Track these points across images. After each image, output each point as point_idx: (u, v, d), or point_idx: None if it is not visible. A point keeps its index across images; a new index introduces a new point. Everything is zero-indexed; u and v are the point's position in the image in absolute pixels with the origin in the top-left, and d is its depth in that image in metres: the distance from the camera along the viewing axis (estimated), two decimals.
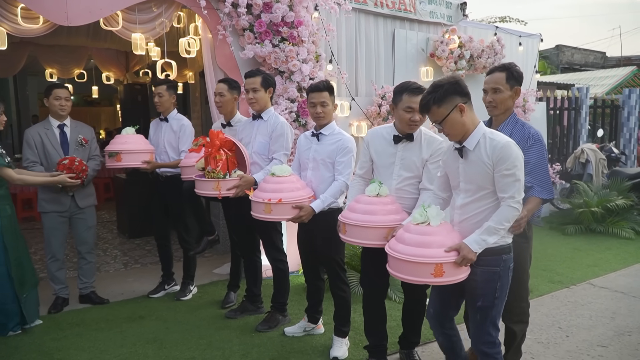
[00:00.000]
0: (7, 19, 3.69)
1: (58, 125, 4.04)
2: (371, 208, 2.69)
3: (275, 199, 3.10)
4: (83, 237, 4.22)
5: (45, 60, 7.17)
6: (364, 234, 2.67)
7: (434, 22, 6.07)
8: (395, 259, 2.29)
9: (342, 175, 3.22)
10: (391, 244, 2.38)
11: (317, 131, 3.31)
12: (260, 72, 3.61)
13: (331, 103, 3.25)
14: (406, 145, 2.85)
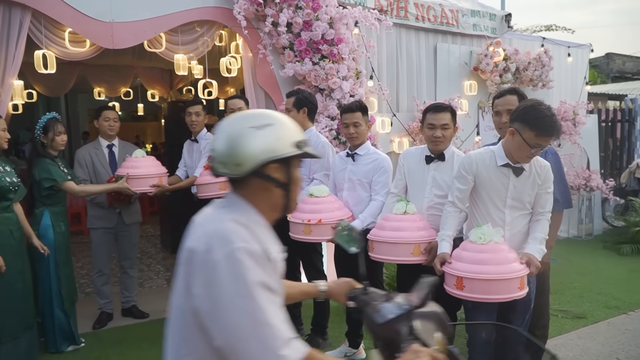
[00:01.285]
0: (56, 43, 3.81)
1: (107, 145, 4.18)
2: (399, 225, 2.73)
3: (315, 220, 3.06)
4: (127, 253, 4.33)
5: (94, 80, 7.42)
6: (392, 251, 2.71)
7: (477, 35, 5.92)
8: (482, 280, 2.29)
9: (380, 195, 3.19)
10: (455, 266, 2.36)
11: (352, 151, 3.28)
12: (296, 93, 3.58)
13: (364, 123, 3.24)
14: (438, 165, 2.89)
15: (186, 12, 4.10)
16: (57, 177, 3.50)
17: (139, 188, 3.86)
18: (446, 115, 2.83)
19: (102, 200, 4.06)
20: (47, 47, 3.79)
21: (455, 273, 2.35)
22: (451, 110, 2.88)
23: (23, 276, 3.20)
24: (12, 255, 3.09)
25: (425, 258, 2.69)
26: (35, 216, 3.57)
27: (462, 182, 2.57)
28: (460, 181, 2.58)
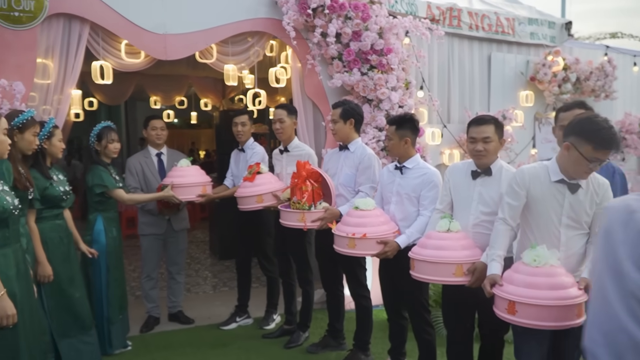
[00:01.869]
0: (112, 54, 3.96)
1: (156, 154, 4.29)
2: (440, 243, 2.61)
3: (360, 234, 2.99)
4: (174, 259, 4.42)
5: (150, 89, 7.69)
6: (433, 270, 2.60)
7: (535, 44, 5.69)
8: (537, 306, 2.16)
9: (428, 210, 3.08)
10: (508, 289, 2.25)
11: (400, 164, 3.19)
12: (343, 104, 3.55)
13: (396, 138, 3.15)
14: (484, 180, 2.74)
15: (236, 24, 4.16)
16: (108, 184, 3.61)
17: (184, 196, 3.91)
18: (488, 128, 2.66)
19: (152, 208, 4.16)
20: (104, 59, 3.95)
21: (507, 297, 2.21)
22: (495, 122, 2.71)
23: (74, 281, 3.30)
24: (63, 261, 3.20)
25: (469, 279, 2.56)
26: (89, 221, 3.69)
27: (514, 197, 2.44)
28: (512, 197, 2.45)
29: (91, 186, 3.62)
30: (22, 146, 2.93)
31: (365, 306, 3.62)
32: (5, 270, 2.35)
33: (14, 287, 2.37)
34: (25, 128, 2.91)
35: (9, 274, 2.36)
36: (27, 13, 3.51)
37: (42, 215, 3.15)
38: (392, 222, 3.16)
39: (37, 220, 3.07)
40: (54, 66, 3.67)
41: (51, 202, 3.18)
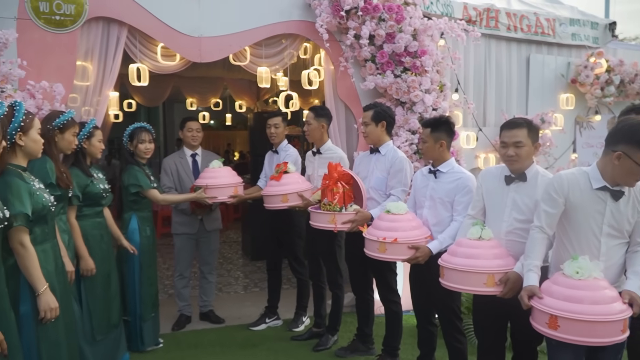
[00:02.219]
0: (149, 57, 4.05)
1: (191, 155, 4.36)
2: (471, 252, 2.52)
3: (391, 238, 2.95)
4: (206, 258, 4.48)
5: (187, 91, 7.83)
6: (463, 279, 2.52)
7: (576, 45, 5.50)
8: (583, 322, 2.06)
9: (461, 216, 2.99)
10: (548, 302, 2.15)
11: (434, 168, 3.12)
12: (374, 106, 3.52)
13: (430, 140, 3.09)
14: (519, 185, 2.62)
15: (270, 26, 4.19)
16: (143, 184, 3.69)
17: (215, 197, 3.94)
18: (520, 132, 2.56)
19: (185, 207, 4.23)
20: (141, 61, 4.04)
21: (549, 310, 2.11)
22: (528, 125, 2.58)
23: (110, 279, 3.39)
24: (102, 259, 3.29)
25: (501, 289, 2.46)
26: (124, 220, 3.78)
27: (551, 205, 2.34)
28: (549, 204, 2.34)
29: (126, 186, 3.70)
30: (63, 146, 3.03)
31: (395, 311, 3.57)
32: (45, 265, 2.42)
33: (54, 281, 2.45)
34: (66, 128, 3.00)
35: (49, 268, 2.44)
36: (68, 17, 3.62)
37: (83, 212, 3.25)
38: (424, 227, 3.11)
39: (78, 218, 3.18)
40: (93, 68, 3.78)
41: (92, 200, 3.29)
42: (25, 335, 2.34)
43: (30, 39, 3.52)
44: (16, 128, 2.32)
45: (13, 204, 2.24)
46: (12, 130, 2.32)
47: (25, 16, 3.53)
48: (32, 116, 2.44)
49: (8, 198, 2.24)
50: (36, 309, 2.35)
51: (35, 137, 2.43)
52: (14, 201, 2.25)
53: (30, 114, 2.44)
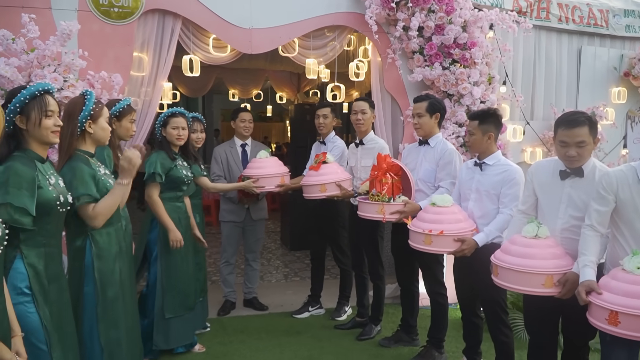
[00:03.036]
0: (201, 48, 4.14)
1: (241, 145, 4.45)
2: (527, 251, 2.42)
3: (437, 231, 2.94)
4: (251, 246, 4.57)
5: (229, 82, 7.95)
6: (519, 279, 2.42)
7: (630, 37, 5.33)
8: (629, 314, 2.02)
9: (508, 208, 2.95)
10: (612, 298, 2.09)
11: (480, 160, 3.09)
12: (427, 97, 3.51)
13: (478, 132, 3.02)
14: (575, 181, 2.49)
15: (319, 18, 4.22)
16: (195, 172, 3.78)
17: (263, 187, 4.00)
18: (582, 131, 2.38)
19: (232, 196, 4.32)
20: (194, 52, 4.13)
21: (609, 306, 2.06)
22: (589, 122, 2.41)
23: (186, 262, 3.50)
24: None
25: (559, 290, 2.38)
26: None
27: (602, 203, 2.29)
28: (599, 202, 2.29)
29: None
30: (120, 133, 3.14)
31: (441, 303, 3.57)
32: (109, 247, 2.53)
33: (116, 264, 2.55)
34: (123, 115, 3.12)
35: (112, 251, 2.55)
36: (126, 9, 3.74)
37: (164, 196, 3.39)
38: (470, 219, 3.08)
39: None
40: (148, 59, 3.89)
41: (174, 183, 3.41)
42: (87, 314, 2.46)
43: (89, 31, 3.65)
44: (86, 116, 2.42)
45: (77, 187, 2.35)
46: (82, 118, 2.42)
47: (85, 8, 3.66)
48: (102, 105, 2.54)
49: (72, 182, 2.34)
50: (97, 289, 2.45)
51: (104, 125, 2.52)
52: (77, 185, 2.35)
53: (100, 102, 2.54)
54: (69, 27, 3.39)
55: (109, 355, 2.50)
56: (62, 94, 3.35)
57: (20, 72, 3.31)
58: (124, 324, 2.60)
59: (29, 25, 3.30)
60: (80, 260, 2.47)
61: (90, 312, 2.47)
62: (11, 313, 1.72)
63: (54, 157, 2.85)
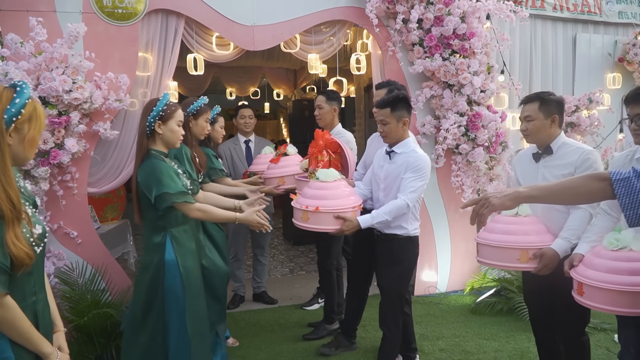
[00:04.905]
0: (204, 46, 4.18)
1: (244, 141, 4.49)
2: (508, 228, 2.46)
3: (313, 207, 2.78)
4: (259, 241, 4.62)
5: (227, 80, 7.99)
6: (496, 255, 2.44)
7: (623, 23, 5.43)
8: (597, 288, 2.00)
9: (404, 194, 2.84)
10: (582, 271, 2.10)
11: (390, 149, 3.00)
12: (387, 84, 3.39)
13: (394, 121, 2.90)
14: (546, 160, 2.59)
15: (320, 13, 4.26)
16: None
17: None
18: (529, 107, 2.57)
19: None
20: (197, 51, 4.17)
21: (576, 277, 2.10)
22: (540, 100, 2.55)
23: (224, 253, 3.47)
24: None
25: (534, 266, 2.39)
26: None
27: None
28: None
29: None
30: (196, 131, 3.18)
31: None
32: (188, 243, 2.59)
33: (191, 260, 2.60)
34: (199, 114, 3.16)
35: (191, 247, 2.60)
36: (130, 10, 3.77)
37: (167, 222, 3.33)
38: (354, 196, 2.94)
39: None
40: (153, 59, 3.92)
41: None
42: (173, 308, 2.51)
43: (94, 32, 3.68)
44: (155, 116, 2.47)
45: (168, 184, 2.40)
46: (151, 118, 2.47)
47: (89, 10, 3.68)
48: (175, 108, 2.54)
49: (160, 177, 2.40)
50: (184, 284, 2.51)
51: (174, 127, 2.52)
52: (166, 181, 2.41)
53: (174, 105, 2.55)
54: (76, 29, 3.42)
55: (196, 347, 2.56)
56: (71, 95, 3.39)
57: (29, 75, 3.35)
58: (206, 317, 2.66)
59: (37, 28, 3.33)
60: (160, 256, 2.51)
61: (176, 306, 2.51)
62: (54, 308, 1.75)
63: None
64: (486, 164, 4.55)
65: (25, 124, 1.54)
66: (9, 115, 1.48)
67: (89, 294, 3.49)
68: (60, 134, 3.45)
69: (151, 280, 2.50)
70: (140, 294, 2.54)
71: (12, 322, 1.47)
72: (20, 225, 1.48)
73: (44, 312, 1.65)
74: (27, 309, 1.54)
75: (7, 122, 1.49)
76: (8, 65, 3.26)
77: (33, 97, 1.59)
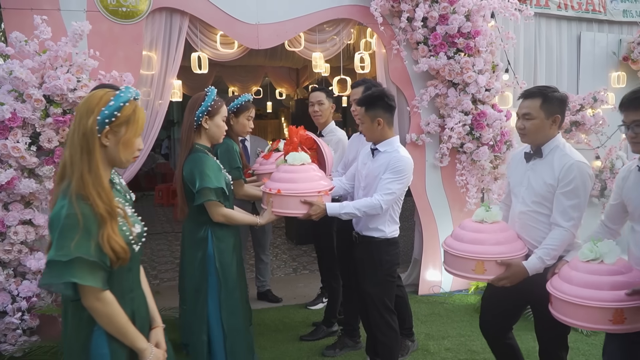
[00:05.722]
0: (209, 45, 4.17)
1: (240, 140, 4.45)
2: (471, 236, 2.33)
3: (275, 190, 2.67)
4: (260, 240, 4.61)
5: (229, 79, 7.98)
6: (455, 263, 2.35)
7: (628, 22, 5.41)
8: (564, 302, 1.96)
9: (380, 195, 2.70)
10: (556, 283, 2.04)
11: (374, 146, 2.89)
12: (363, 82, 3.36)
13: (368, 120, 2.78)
14: (535, 163, 2.39)
15: (324, 12, 4.24)
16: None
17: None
18: (530, 103, 2.34)
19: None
20: (202, 50, 4.16)
21: (549, 288, 2.05)
22: (543, 96, 2.32)
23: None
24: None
25: (491, 277, 2.26)
26: None
27: (613, 197, 2.25)
28: (613, 196, 2.25)
29: None
30: (237, 129, 3.20)
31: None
32: (228, 239, 2.61)
33: (229, 256, 2.61)
34: (240, 112, 3.19)
35: (230, 243, 2.61)
36: (134, 8, 3.75)
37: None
38: (323, 180, 2.83)
39: None
40: (157, 58, 3.90)
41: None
42: (212, 303, 2.55)
43: (98, 31, 3.66)
44: (203, 111, 2.51)
45: (211, 178, 2.44)
46: (199, 113, 2.51)
47: (93, 9, 3.67)
48: (221, 103, 2.59)
49: (207, 172, 2.44)
50: (220, 279, 2.54)
51: (219, 123, 2.59)
52: (212, 176, 2.45)
53: (220, 100, 2.59)
54: (81, 27, 3.40)
55: (231, 343, 2.58)
56: (75, 94, 3.37)
57: (34, 74, 3.33)
58: (242, 313, 2.67)
59: (41, 26, 3.31)
60: (203, 251, 2.55)
61: (214, 300, 2.56)
62: (151, 304, 1.79)
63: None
64: (491, 163, 4.54)
65: (122, 127, 1.59)
66: (102, 117, 1.54)
67: None
68: (64, 132, 3.43)
69: (195, 275, 2.54)
70: (190, 290, 2.58)
71: (110, 316, 1.53)
72: (115, 221, 1.54)
73: (141, 308, 1.70)
74: (125, 305, 1.60)
75: (100, 123, 1.54)
76: (13, 63, 3.25)
77: (134, 100, 1.64)
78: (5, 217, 3.30)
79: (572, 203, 2.25)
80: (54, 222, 1.49)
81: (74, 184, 1.51)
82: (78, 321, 1.57)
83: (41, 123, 3.34)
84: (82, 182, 1.50)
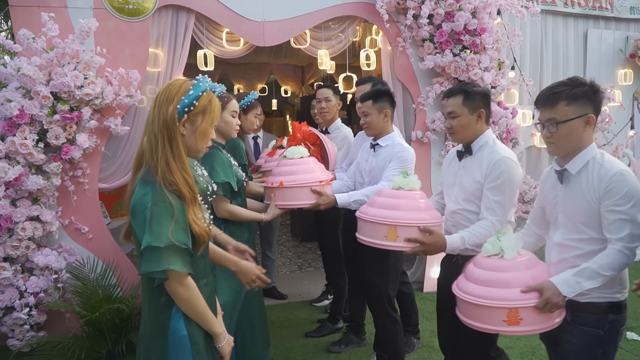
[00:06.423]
0: (215, 42, 4.18)
1: (253, 137, 4.48)
2: (387, 202, 2.23)
3: (277, 183, 2.69)
4: (267, 237, 4.63)
5: (234, 77, 7.98)
6: (368, 230, 2.24)
7: (635, 19, 5.38)
8: (463, 301, 1.85)
9: (385, 181, 2.74)
10: (460, 282, 1.94)
11: (374, 142, 2.95)
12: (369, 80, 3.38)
13: (375, 112, 2.84)
14: (467, 161, 2.36)
15: (330, 9, 4.25)
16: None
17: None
18: (453, 101, 2.31)
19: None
20: (208, 47, 4.17)
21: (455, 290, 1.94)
22: (465, 93, 2.29)
23: None
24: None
25: (403, 245, 2.14)
26: None
27: (537, 200, 2.17)
28: (537, 200, 2.19)
29: None
30: (245, 126, 3.21)
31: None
32: (241, 234, 2.62)
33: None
34: (249, 109, 3.20)
35: (241, 237, 2.60)
36: (140, 5, 3.77)
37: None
38: (324, 172, 2.84)
39: None
40: (164, 55, 3.92)
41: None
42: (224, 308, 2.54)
43: (105, 28, 3.68)
44: None
45: (219, 173, 2.46)
46: None
47: (100, 6, 3.69)
48: (228, 98, 2.59)
49: (215, 168, 2.46)
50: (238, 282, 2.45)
51: (227, 118, 2.59)
52: (220, 171, 2.47)
53: (228, 95, 2.59)
54: (88, 24, 3.42)
55: (242, 334, 2.61)
56: (82, 91, 3.39)
57: (41, 71, 3.35)
58: (257, 304, 2.71)
59: (49, 24, 3.33)
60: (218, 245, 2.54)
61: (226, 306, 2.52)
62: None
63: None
64: None
65: (199, 116, 1.62)
66: (182, 106, 1.56)
67: (100, 289, 3.51)
68: (72, 129, 3.45)
69: None
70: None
71: (191, 300, 1.57)
72: (198, 205, 1.59)
73: (211, 295, 1.75)
74: (201, 291, 1.63)
75: (179, 112, 1.57)
76: (20, 60, 3.27)
77: (210, 90, 1.66)
78: (13, 214, 3.33)
79: (497, 199, 2.22)
80: (137, 209, 1.51)
81: (160, 170, 1.52)
82: (156, 306, 1.60)
83: (48, 120, 3.36)
84: (168, 169, 1.53)
